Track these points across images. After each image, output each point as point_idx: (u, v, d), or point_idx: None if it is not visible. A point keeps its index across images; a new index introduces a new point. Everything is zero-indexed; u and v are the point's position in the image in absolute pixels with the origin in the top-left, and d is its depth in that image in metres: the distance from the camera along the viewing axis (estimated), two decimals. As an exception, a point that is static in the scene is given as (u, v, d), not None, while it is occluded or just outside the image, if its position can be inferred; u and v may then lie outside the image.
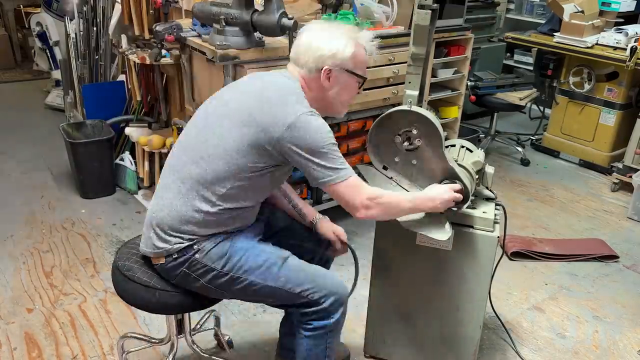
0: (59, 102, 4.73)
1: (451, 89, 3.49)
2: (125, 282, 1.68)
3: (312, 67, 1.59)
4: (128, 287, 1.68)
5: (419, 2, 1.71)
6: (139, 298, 1.67)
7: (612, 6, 3.91)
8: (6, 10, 6.09)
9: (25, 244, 2.87)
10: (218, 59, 2.33)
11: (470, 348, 2.01)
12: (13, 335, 2.25)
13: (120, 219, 3.13)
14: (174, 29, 2.60)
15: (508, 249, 2.92)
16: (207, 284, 1.61)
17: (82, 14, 3.81)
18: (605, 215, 3.45)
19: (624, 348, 2.35)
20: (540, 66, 4.20)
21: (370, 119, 2.92)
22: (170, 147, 2.97)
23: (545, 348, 2.32)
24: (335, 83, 1.61)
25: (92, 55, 3.83)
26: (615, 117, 3.89)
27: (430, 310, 2.00)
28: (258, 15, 2.32)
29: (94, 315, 2.38)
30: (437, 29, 2.94)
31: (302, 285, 1.60)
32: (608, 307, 2.59)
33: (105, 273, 2.65)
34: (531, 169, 4.07)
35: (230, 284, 1.60)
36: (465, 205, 1.76)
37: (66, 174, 3.56)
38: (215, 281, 1.60)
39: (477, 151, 1.96)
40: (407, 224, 1.75)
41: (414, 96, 1.81)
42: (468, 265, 1.89)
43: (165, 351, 2.04)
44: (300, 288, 1.60)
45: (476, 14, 4.38)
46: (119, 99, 3.59)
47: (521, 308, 2.56)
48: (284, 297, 1.62)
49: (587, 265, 2.91)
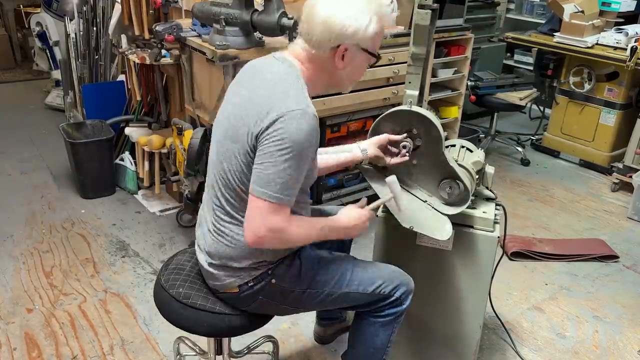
0: (59, 102, 4.73)
1: (451, 89, 3.49)
2: (184, 309, 1.59)
3: (327, 46, 1.40)
4: (188, 313, 1.59)
5: (419, 2, 1.71)
6: (207, 325, 1.58)
7: (612, 6, 3.91)
8: (6, 10, 6.09)
9: (25, 244, 2.87)
10: (218, 59, 2.33)
11: (470, 348, 2.01)
12: (13, 335, 2.25)
13: (120, 219, 3.13)
14: (174, 29, 2.60)
15: (508, 249, 2.92)
16: (288, 305, 1.59)
17: (82, 14, 3.81)
18: (606, 215, 3.45)
19: (624, 348, 2.35)
20: (541, 66, 4.20)
21: (370, 119, 2.92)
22: (170, 147, 2.97)
23: (545, 348, 2.32)
24: (349, 62, 1.45)
25: (92, 55, 3.83)
26: (615, 117, 3.88)
27: (430, 310, 2.00)
28: (258, 15, 2.32)
29: (93, 315, 2.37)
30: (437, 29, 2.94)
31: (374, 284, 1.61)
32: (608, 307, 2.59)
33: (105, 273, 2.65)
34: (531, 169, 4.07)
35: (309, 299, 1.59)
36: (465, 206, 1.76)
37: (66, 174, 3.56)
38: (295, 301, 1.58)
39: (477, 151, 1.96)
40: (407, 224, 1.75)
41: (414, 96, 1.81)
42: (468, 265, 1.89)
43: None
44: (373, 287, 1.61)
45: (476, 13, 4.38)
46: (119, 99, 3.59)
47: (521, 308, 2.56)
48: (359, 298, 1.62)
49: (587, 265, 2.91)
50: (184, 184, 2.85)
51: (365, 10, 1.39)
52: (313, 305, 1.62)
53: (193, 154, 2.56)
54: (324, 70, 1.46)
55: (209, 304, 1.59)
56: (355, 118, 2.89)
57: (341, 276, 1.60)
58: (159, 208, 3.26)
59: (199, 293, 1.61)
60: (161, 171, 3.26)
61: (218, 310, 1.58)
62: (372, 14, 1.40)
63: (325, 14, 1.38)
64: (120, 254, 2.81)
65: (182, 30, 2.63)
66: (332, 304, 1.64)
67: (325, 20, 1.37)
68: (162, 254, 2.82)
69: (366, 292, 1.61)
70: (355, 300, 1.63)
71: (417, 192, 1.85)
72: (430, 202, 1.82)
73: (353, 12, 1.38)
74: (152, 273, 2.67)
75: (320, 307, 1.68)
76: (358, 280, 1.61)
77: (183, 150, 2.73)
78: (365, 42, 1.43)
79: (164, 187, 3.38)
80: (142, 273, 2.66)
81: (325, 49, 1.41)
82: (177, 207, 3.19)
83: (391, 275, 1.65)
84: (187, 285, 1.63)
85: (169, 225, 3.08)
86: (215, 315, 1.57)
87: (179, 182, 3.05)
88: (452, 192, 1.77)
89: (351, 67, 1.47)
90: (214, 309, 1.58)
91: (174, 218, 3.08)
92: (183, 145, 2.72)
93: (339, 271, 1.60)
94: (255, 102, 1.39)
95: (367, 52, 1.46)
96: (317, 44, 1.41)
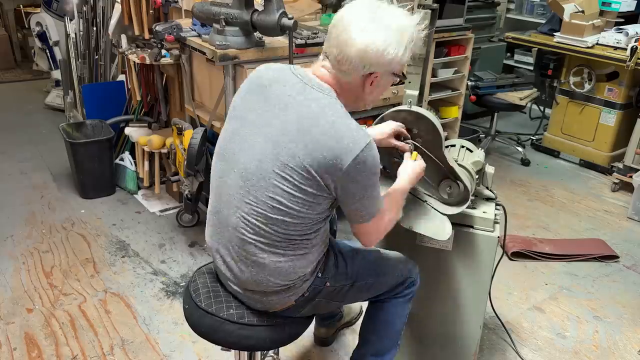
0: (59, 102, 4.73)
1: (451, 88, 3.49)
2: (243, 329, 1.50)
3: (359, 74, 1.36)
4: (247, 333, 1.51)
5: (419, 2, 1.71)
6: (269, 340, 1.54)
7: (613, 6, 3.91)
8: (6, 10, 6.09)
9: (25, 244, 2.87)
10: (218, 59, 2.33)
11: (470, 348, 2.01)
12: (13, 335, 2.25)
13: (120, 219, 3.13)
14: (174, 29, 2.60)
15: (508, 249, 2.92)
16: (338, 301, 1.64)
17: (82, 14, 3.81)
18: (606, 215, 3.45)
19: (624, 348, 2.34)
20: (541, 66, 4.20)
21: (370, 119, 2.91)
22: (170, 147, 2.97)
23: (545, 348, 2.32)
24: (376, 86, 1.42)
25: (92, 55, 3.83)
26: (615, 117, 3.88)
27: (431, 310, 2.00)
28: (258, 15, 2.32)
29: (93, 316, 2.37)
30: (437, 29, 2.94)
31: (396, 267, 1.71)
32: (608, 307, 2.59)
33: (105, 273, 2.65)
34: (531, 169, 4.07)
35: (356, 291, 1.63)
36: (465, 206, 1.76)
37: (66, 174, 3.56)
38: (345, 295, 1.62)
39: (477, 151, 1.96)
40: (407, 224, 1.75)
41: (414, 96, 1.81)
42: (468, 265, 1.89)
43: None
44: (397, 270, 1.71)
45: (476, 13, 4.38)
46: (119, 99, 3.59)
47: (521, 308, 2.56)
48: (390, 283, 1.70)
49: (587, 265, 2.91)
50: (184, 184, 2.85)
51: (401, 38, 1.33)
52: (359, 295, 1.68)
53: (193, 154, 2.57)
54: (351, 93, 1.42)
55: (267, 318, 1.53)
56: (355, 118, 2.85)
57: (376, 264, 1.68)
58: (159, 208, 3.26)
59: (250, 310, 1.53)
60: (161, 171, 3.26)
61: (277, 322, 1.54)
62: (408, 42, 1.35)
63: (362, 42, 1.30)
64: (120, 254, 2.81)
65: (182, 30, 2.63)
66: (373, 291, 1.69)
67: (364, 49, 1.31)
68: (162, 254, 2.82)
69: (394, 275, 1.70)
70: (388, 285, 1.70)
71: (417, 192, 1.85)
72: (430, 202, 1.82)
73: (391, 41, 1.32)
74: (152, 273, 2.67)
75: (364, 297, 1.73)
76: (385, 265, 1.70)
77: (183, 150, 2.73)
78: (397, 68, 1.40)
79: (164, 187, 3.38)
80: (142, 273, 2.66)
81: (357, 75, 1.37)
82: (177, 207, 3.19)
83: (404, 258, 1.76)
84: (235, 306, 1.53)
85: (169, 225, 3.08)
86: (274, 328, 1.53)
87: (179, 182, 3.05)
88: (452, 192, 1.77)
89: (378, 89, 1.45)
90: (272, 322, 1.53)
91: (174, 218, 3.08)
92: (183, 145, 2.72)
93: (372, 260, 1.68)
94: (316, 141, 1.30)
95: (395, 75, 1.44)
96: (349, 71, 1.35)
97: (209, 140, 2.68)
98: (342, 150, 1.30)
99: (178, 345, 2.22)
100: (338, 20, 1.35)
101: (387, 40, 1.31)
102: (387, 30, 1.32)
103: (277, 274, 1.43)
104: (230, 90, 2.43)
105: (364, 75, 1.36)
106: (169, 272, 2.67)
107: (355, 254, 1.66)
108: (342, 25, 1.33)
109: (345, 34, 1.32)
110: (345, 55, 1.33)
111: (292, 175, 1.32)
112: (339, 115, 1.35)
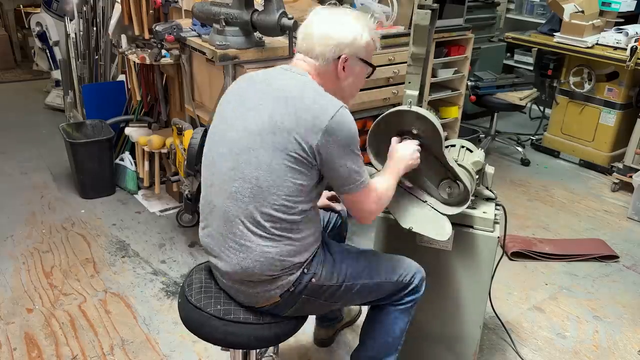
0: (59, 102, 4.73)
1: (451, 89, 3.49)
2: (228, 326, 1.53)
3: (330, 57, 1.51)
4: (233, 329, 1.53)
5: (419, 2, 1.71)
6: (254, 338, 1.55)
7: (612, 6, 3.91)
8: (6, 10, 6.09)
9: (25, 244, 2.87)
10: (218, 59, 2.33)
11: (470, 348, 2.01)
12: (13, 335, 2.25)
13: (120, 219, 3.13)
14: (174, 29, 2.60)
15: (508, 249, 2.92)
16: (326, 301, 1.61)
17: (82, 14, 3.81)
18: (606, 215, 3.45)
19: (624, 348, 2.35)
20: (541, 66, 4.20)
21: (370, 119, 2.92)
22: (170, 147, 2.97)
23: (545, 348, 2.32)
24: (349, 73, 1.56)
25: (92, 55, 3.83)
26: (615, 117, 3.88)
27: (430, 310, 2.00)
28: (258, 15, 2.32)
29: (93, 316, 2.37)
30: (437, 29, 2.94)
31: (396, 273, 1.69)
32: (608, 307, 2.59)
33: (105, 273, 2.65)
34: (531, 169, 4.07)
35: (346, 293, 1.62)
36: (465, 206, 1.76)
37: (66, 174, 3.56)
38: (333, 296, 1.61)
39: (477, 151, 1.96)
40: (407, 224, 1.75)
41: (414, 96, 1.81)
42: (468, 265, 1.89)
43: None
44: (396, 275, 1.68)
45: (476, 13, 4.38)
46: (119, 99, 3.59)
47: (521, 308, 2.56)
48: (387, 288, 1.68)
49: (587, 265, 2.91)
50: (184, 184, 2.85)
51: (357, 22, 1.53)
52: (349, 297, 1.66)
53: (193, 154, 2.56)
54: (329, 82, 1.54)
55: (253, 315, 1.55)
56: (355, 118, 2.86)
57: (370, 267, 1.66)
58: (159, 208, 3.26)
59: (239, 307, 1.56)
60: (161, 171, 3.26)
61: (264, 321, 1.55)
62: (363, 25, 1.53)
63: (324, 27, 1.51)
64: (120, 254, 2.81)
65: (182, 30, 2.63)
66: (366, 296, 1.68)
67: (325, 31, 1.50)
68: (162, 254, 2.82)
69: (391, 281, 1.67)
70: (384, 291, 1.69)
71: (417, 192, 1.85)
72: (430, 202, 1.82)
73: (350, 24, 1.52)
74: (152, 273, 2.67)
75: (355, 300, 1.70)
76: (384, 269, 1.68)
77: (183, 150, 2.73)
78: (361, 52, 1.54)
79: (164, 187, 3.38)
80: (142, 273, 2.67)
81: (328, 60, 1.51)
82: (177, 207, 3.19)
83: (407, 264, 1.72)
84: (224, 302, 1.56)
85: (169, 225, 3.08)
86: (261, 326, 1.54)
87: (179, 182, 3.05)
88: (452, 192, 1.77)
89: (352, 77, 1.58)
90: (259, 320, 1.54)
91: (174, 218, 3.08)
92: (183, 145, 2.72)
93: (366, 262, 1.67)
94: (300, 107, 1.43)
95: (364, 61, 1.57)
96: (319, 55, 1.51)
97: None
98: (321, 111, 1.43)
99: (178, 345, 2.23)
100: (304, 23, 1.56)
101: (346, 24, 1.51)
102: (345, 16, 1.53)
103: (263, 260, 1.47)
104: (230, 90, 2.43)
105: (334, 59, 1.51)
106: (169, 272, 2.67)
107: (347, 254, 1.66)
108: (306, 23, 1.55)
109: (310, 28, 1.53)
110: (311, 42, 1.51)
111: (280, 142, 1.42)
112: (317, 89, 1.49)
